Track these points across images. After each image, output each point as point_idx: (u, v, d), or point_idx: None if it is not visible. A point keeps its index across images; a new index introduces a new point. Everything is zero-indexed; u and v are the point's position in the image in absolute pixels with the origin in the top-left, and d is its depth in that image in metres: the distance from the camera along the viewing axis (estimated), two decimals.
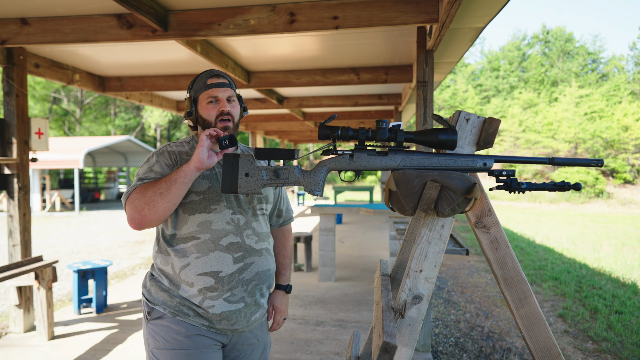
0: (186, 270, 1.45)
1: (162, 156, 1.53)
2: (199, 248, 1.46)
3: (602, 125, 25.51)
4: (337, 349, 3.40)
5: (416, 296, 1.14)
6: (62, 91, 27.40)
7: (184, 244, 1.47)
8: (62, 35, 3.20)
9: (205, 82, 1.53)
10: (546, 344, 1.15)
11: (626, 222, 13.96)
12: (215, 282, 1.45)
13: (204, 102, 1.52)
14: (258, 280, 1.53)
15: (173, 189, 1.36)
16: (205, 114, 1.51)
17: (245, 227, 1.51)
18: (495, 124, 1.16)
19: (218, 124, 1.49)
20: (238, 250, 1.48)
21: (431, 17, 2.80)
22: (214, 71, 1.56)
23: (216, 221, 1.47)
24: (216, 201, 1.49)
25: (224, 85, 1.53)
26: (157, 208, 1.36)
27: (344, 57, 4.57)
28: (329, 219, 5.33)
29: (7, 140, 3.77)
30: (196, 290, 1.45)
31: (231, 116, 1.52)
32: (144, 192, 1.37)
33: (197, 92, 1.54)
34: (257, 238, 1.54)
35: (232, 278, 1.47)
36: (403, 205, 1.14)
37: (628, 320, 4.34)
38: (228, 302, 1.46)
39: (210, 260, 1.45)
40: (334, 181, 27.79)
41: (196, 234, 1.46)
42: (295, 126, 11.06)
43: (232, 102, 1.54)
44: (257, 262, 1.53)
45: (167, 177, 1.38)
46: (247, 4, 2.99)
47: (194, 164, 1.36)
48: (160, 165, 1.50)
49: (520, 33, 52.23)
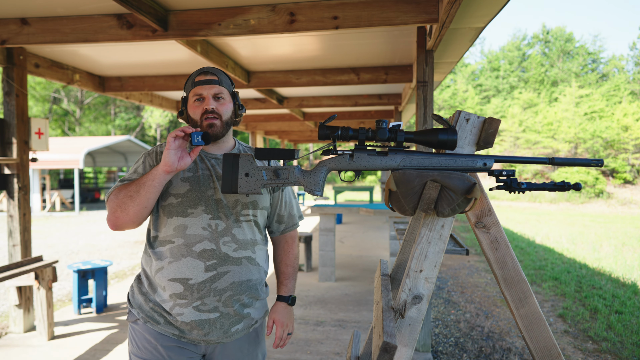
0: (160, 274, 1.42)
1: (150, 157, 1.49)
2: (173, 252, 1.42)
3: (602, 125, 25.51)
4: (337, 349, 3.40)
5: (416, 296, 1.14)
6: (62, 91, 27.40)
7: (162, 246, 1.44)
8: (62, 35, 3.20)
9: (193, 80, 1.49)
10: (546, 344, 1.15)
11: (626, 222, 13.96)
12: (184, 289, 1.39)
13: (191, 100, 1.48)
14: (234, 291, 1.44)
15: (142, 192, 1.33)
16: (192, 113, 1.47)
17: (223, 234, 1.44)
18: (495, 124, 1.16)
19: (203, 122, 1.44)
20: (211, 257, 1.41)
21: (431, 17, 2.80)
22: (204, 68, 1.51)
23: (192, 226, 1.42)
24: (194, 205, 1.43)
25: (211, 82, 1.46)
26: (128, 211, 1.34)
27: (344, 57, 4.57)
28: (329, 219, 5.33)
29: (7, 140, 3.77)
30: (167, 296, 1.41)
31: (217, 114, 1.45)
32: (118, 194, 1.36)
33: (187, 91, 1.51)
34: (236, 246, 1.45)
35: (202, 286, 1.40)
36: (403, 205, 1.14)
37: (628, 320, 4.34)
38: (198, 310, 1.40)
39: (182, 266, 1.40)
40: (334, 181, 27.79)
41: (172, 238, 1.42)
42: (295, 126, 11.06)
43: (220, 99, 1.47)
44: (234, 272, 1.44)
45: (138, 179, 1.36)
46: (247, 4, 2.99)
47: (162, 167, 1.31)
48: (144, 166, 1.47)
49: (520, 33, 52.28)
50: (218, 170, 1.48)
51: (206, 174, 1.47)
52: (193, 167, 1.47)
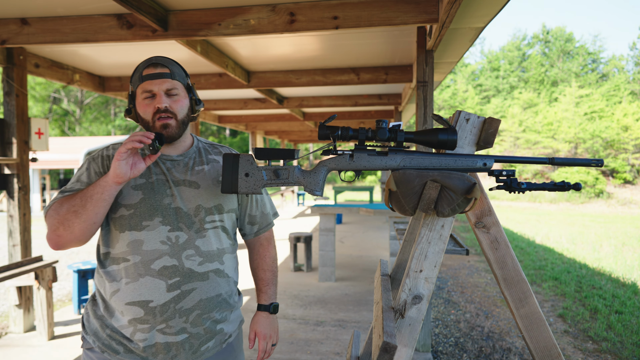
0: (116, 297, 1.26)
1: (95, 162, 1.31)
2: (129, 272, 1.25)
3: (602, 125, 25.51)
4: (337, 349, 3.40)
5: (416, 296, 1.14)
6: (62, 91, 27.41)
7: (116, 265, 1.27)
8: (62, 35, 3.20)
9: (140, 73, 1.28)
10: (546, 344, 1.15)
11: (626, 222, 13.96)
12: (145, 313, 1.24)
13: (140, 97, 1.28)
14: (203, 309, 1.30)
15: (89, 206, 1.16)
16: (142, 112, 1.29)
17: (185, 247, 1.28)
18: (495, 124, 1.16)
19: (156, 122, 1.27)
20: (173, 275, 1.26)
21: (431, 17, 2.80)
22: (153, 59, 1.30)
23: (148, 240, 1.25)
24: (149, 216, 1.26)
25: (162, 75, 1.27)
26: (73, 228, 1.17)
27: (344, 57, 4.57)
28: (329, 219, 5.33)
29: (7, 140, 3.77)
30: (126, 321, 1.25)
31: (172, 113, 1.28)
32: (59, 209, 1.18)
33: (134, 86, 1.31)
34: (201, 259, 1.30)
35: (165, 308, 1.25)
36: (403, 205, 1.14)
37: (628, 320, 4.34)
38: (163, 333, 1.26)
39: (140, 287, 1.24)
40: (334, 181, 27.79)
41: (126, 255, 1.26)
42: (295, 126, 11.06)
43: (174, 95, 1.29)
44: (200, 289, 1.29)
45: (83, 191, 1.19)
46: (247, 4, 2.99)
47: (112, 178, 1.15)
48: (88, 173, 1.29)
49: (520, 33, 52.28)
50: (175, 175, 1.33)
51: (161, 180, 1.31)
52: (146, 173, 1.31)
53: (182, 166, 1.35)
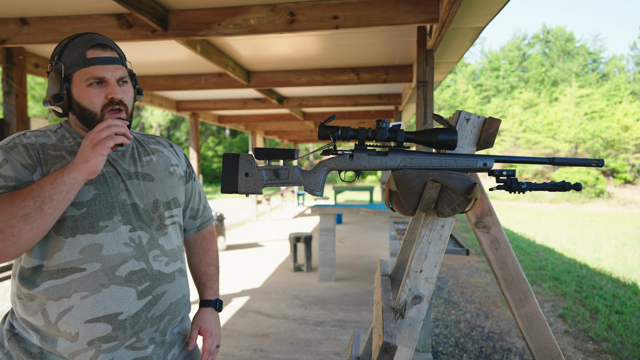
0: (68, 317, 1.04)
1: (14, 152, 1.05)
2: (85, 284, 1.04)
3: (602, 125, 25.51)
4: (337, 349, 3.40)
5: (416, 296, 1.13)
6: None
7: (59, 279, 1.04)
8: (61, 35, 3.20)
9: (83, 54, 1.08)
10: (546, 344, 1.14)
11: (626, 222, 13.96)
12: (114, 329, 1.06)
13: (83, 83, 1.08)
14: (172, 314, 1.19)
15: (47, 208, 0.95)
16: (87, 102, 1.09)
17: (150, 247, 1.14)
18: (496, 123, 1.16)
19: (106, 115, 1.10)
20: (143, 280, 1.11)
21: (431, 16, 2.80)
22: (97, 38, 1.10)
23: (108, 244, 1.07)
24: (107, 215, 1.08)
25: (113, 61, 1.10)
26: (19, 237, 0.94)
27: (344, 57, 4.57)
28: (329, 219, 5.33)
29: None
30: (84, 344, 1.05)
31: (124, 105, 1.12)
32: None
33: (70, 68, 1.09)
34: (167, 259, 1.18)
35: (137, 319, 1.10)
36: (403, 205, 1.14)
37: (628, 321, 4.33)
38: (132, 349, 1.10)
39: (104, 300, 1.05)
40: (334, 181, 27.79)
41: (79, 265, 1.05)
42: (295, 126, 11.07)
43: (124, 84, 1.14)
44: (170, 291, 1.18)
45: (37, 188, 0.96)
46: (247, 3, 2.98)
47: (84, 173, 0.99)
48: (11, 166, 1.03)
49: (521, 33, 52.25)
50: (124, 167, 1.16)
51: (111, 172, 1.13)
52: None
53: (128, 157, 1.19)
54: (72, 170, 0.98)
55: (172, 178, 1.27)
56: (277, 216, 12.56)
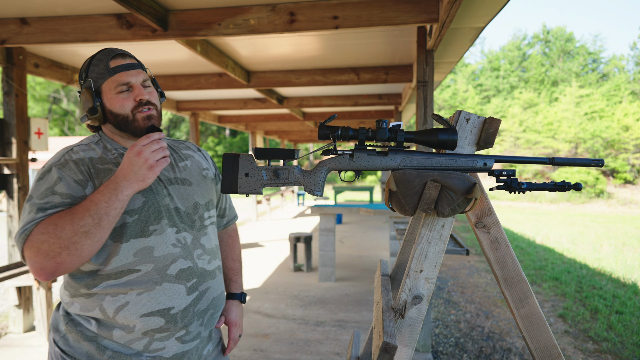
0: (124, 311, 1.14)
1: (67, 169, 1.12)
2: (140, 283, 1.15)
3: (602, 125, 25.51)
4: (337, 349, 3.40)
5: (416, 296, 1.13)
6: (62, 91, 27.42)
7: (116, 280, 1.14)
8: (61, 35, 3.20)
9: (107, 66, 1.17)
10: (546, 344, 1.14)
11: (626, 222, 13.95)
12: (167, 322, 1.17)
13: (112, 91, 1.18)
14: (214, 309, 1.30)
15: (105, 224, 1.04)
16: (118, 107, 1.18)
17: (194, 246, 1.25)
18: (496, 123, 1.16)
19: (137, 115, 1.19)
20: (191, 276, 1.22)
21: (431, 16, 2.80)
22: (115, 50, 1.20)
23: (159, 246, 1.17)
24: (155, 219, 1.18)
25: (134, 66, 1.20)
26: (82, 251, 1.03)
27: (344, 57, 4.57)
28: (329, 219, 5.33)
29: (7, 140, 3.77)
30: (140, 334, 1.16)
31: (152, 104, 1.22)
32: (57, 232, 1.01)
33: (98, 81, 1.18)
34: (209, 257, 1.29)
35: (186, 313, 1.20)
36: (403, 205, 1.14)
37: (628, 321, 4.33)
38: (182, 341, 1.21)
39: (158, 296, 1.16)
40: (334, 181, 27.79)
41: (134, 266, 1.15)
42: (295, 126, 11.06)
43: (148, 87, 1.23)
44: (212, 287, 1.29)
45: (92, 206, 1.03)
46: (247, 3, 2.98)
47: (138, 187, 1.07)
48: (65, 183, 1.10)
49: (521, 33, 52.24)
50: (164, 173, 1.26)
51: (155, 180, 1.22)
52: None
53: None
54: (126, 187, 1.06)
55: (206, 181, 1.36)
56: (277, 216, 12.56)
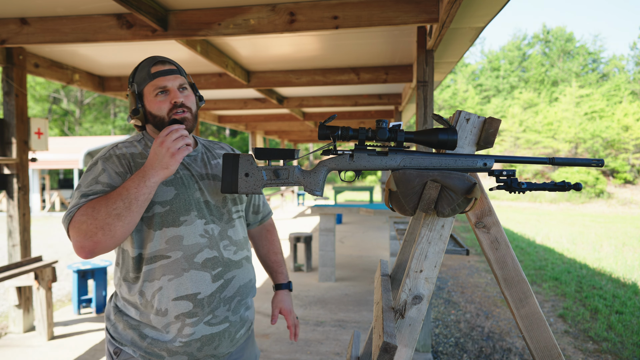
0: (159, 296, 1.27)
1: (110, 162, 1.28)
2: (171, 269, 1.27)
3: (602, 125, 25.51)
4: (337, 349, 3.40)
5: (416, 296, 1.13)
6: (62, 91, 27.41)
7: (151, 264, 1.27)
8: (61, 35, 3.20)
9: (148, 71, 1.30)
10: (546, 344, 1.14)
11: (626, 222, 13.95)
12: (194, 306, 1.28)
13: (151, 95, 1.30)
14: (242, 296, 1.38)
15: (134, 208, 1.15)
16: (155, 109, 1.30)
17: (220, 238, 1.34)
18: (496, 123, 1.16)
19: (172, 117, 1.30)
20: (216, 265, 1.32)
21: (431, 16, 2.80)
22: (158, 57, 1.33)
23: (188, 235, 1.28)
24: (186, 211, 1.29)
25: (172, 72, 1.31)
26: (115, 232, 1.14)
27: (344, 57, 4.57)
28: (329, 219, 5.33)
29: (7, 140, 3.77)
30: (172, 318, 1.27)
31: (187, 107, 1.32)
32: (94, 214, 1.14)
33: (141, 85, 1.32)
34: (235, 248, 1.38)
35: (212, 299, 1.30)
36: (403, 205, 1.14)
37: (628, 321, 4.33)
38: (209, 325, 1.31)
39: (186, 282, 1.27)
40: (334, 181, 27.79)
41: (165, 253, 1.27)
42: (295, 126, 11.06)
43: (184, 90, 1.33)
44: (238, 276, 1.37)
45: (123, 192, 1.15)
46: (247, 3, 2.98)
47: (163, 174, 1.17)
48: (108, 174, 1.25)
49: (521, 33, 52.24)
50: (196, 169, 1.37)
51: (187, 174, 1.34)
52: None
53: (200, 161, 1.41)
54: (153, 175, 1.16)
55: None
56: (277, 216, 12.56)
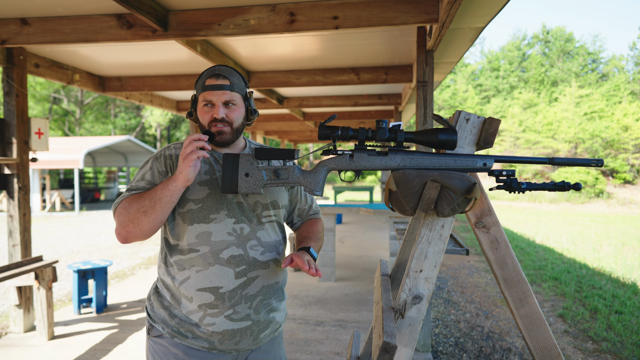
0: (186, 284, 1.37)
1: (158, 162, 1.41)
2: (199, 261, 1.36)
3: (602, 125, 25.50)
4: (337, 349, 3.40)
5: (416, 296, 1.14)
6: (62, 91, 27.40)
7: (184, 255, 1.38)
8: (62, 35, 3.20)
9: (203, 82, 1.40)
10: (546, 344, 1.15)
11: (626, 222, 13.96)
12: (216, 299, 1.35)
13: (201, 104, 1.40)
14: (264, 295, 1.42)
15: (158, 207, 1.27)
16: (201, 118, 1.41)
17: (248, 238, 1.39)
18: (495, 124, 1.16)
19: (212, 129, 1.39)
20: (240, 263, 1.37)
21: (431, 17, 2.80)
22: (216, 70, 1.40)
23: (216, 232, 1.36)
24: (216, 209, 1.37)
25: (222, 87, 1.37)
26: (142, 226, 1.28)
27: (344, 57, 4.57)
28: (329, 219, 5.33)
29: (7, 140, 3.77)
30: (196, 306, 1.36)
31: (227, 122, 1.39)
32: (129, 208, 1.30)
33: (197, 92, 1.43)
34: (262, 249, 1.42)
35: (233, 294, 1.36)
36: (403, 205, 1.14)
37: (628, 320, 4.34)
38: (230, 319, 1.36)
39: (210, 275, 1.35)
40: (334, 181, 27.78)
41: (195, 246, 1.36)
42: (295, 126, 11.06)
43: (231, 106, 1.39)
44: (263, 276, 1.41)
45: (152, 192, 1.28)
46: (247, 4, 2.98)
47: (181, 182, 1.25)
48: (152, 173, 1.39)
49: (520, 33, 52.28)
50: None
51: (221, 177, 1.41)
52: (209, 170, 1.41)
53: None
54: (173, 180, 1.26)
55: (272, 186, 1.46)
56: None
